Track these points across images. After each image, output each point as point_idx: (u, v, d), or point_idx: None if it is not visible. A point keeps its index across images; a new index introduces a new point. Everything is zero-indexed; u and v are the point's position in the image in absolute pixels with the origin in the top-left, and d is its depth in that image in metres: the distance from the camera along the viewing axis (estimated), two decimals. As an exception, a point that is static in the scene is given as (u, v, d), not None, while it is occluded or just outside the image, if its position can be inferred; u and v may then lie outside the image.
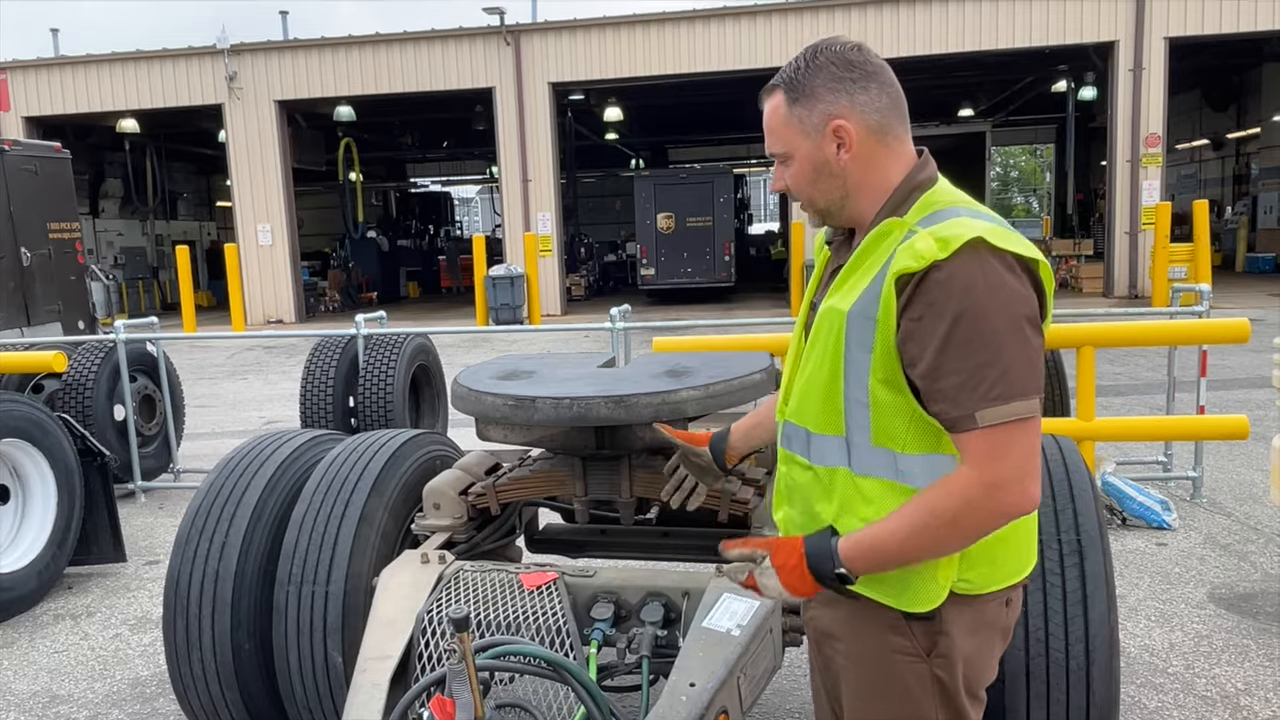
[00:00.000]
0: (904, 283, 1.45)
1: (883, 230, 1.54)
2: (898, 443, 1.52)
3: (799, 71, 1.56)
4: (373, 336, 6.61)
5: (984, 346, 1.40)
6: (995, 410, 1.40)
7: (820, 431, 1.60)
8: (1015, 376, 1.40)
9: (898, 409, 1.51)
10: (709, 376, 2.53)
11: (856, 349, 1.51)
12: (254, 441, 3.07)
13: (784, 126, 1.58)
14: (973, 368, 1.40)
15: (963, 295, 1.40)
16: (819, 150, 1.56)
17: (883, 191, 1.57)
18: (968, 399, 1.41)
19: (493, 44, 20.68)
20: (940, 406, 1.45)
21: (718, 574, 2.30)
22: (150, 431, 7.20)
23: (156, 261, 28.77)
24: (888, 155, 1.57)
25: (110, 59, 21.95)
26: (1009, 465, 1.41)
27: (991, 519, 1.45)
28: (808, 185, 1.60)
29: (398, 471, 2.86)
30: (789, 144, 1.59)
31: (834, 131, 1.54)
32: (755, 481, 2.81)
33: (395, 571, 2.50)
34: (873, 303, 1.49)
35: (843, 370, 1.54)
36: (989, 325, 1.40)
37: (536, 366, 2.87)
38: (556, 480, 2.75)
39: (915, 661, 1.58)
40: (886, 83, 1.57)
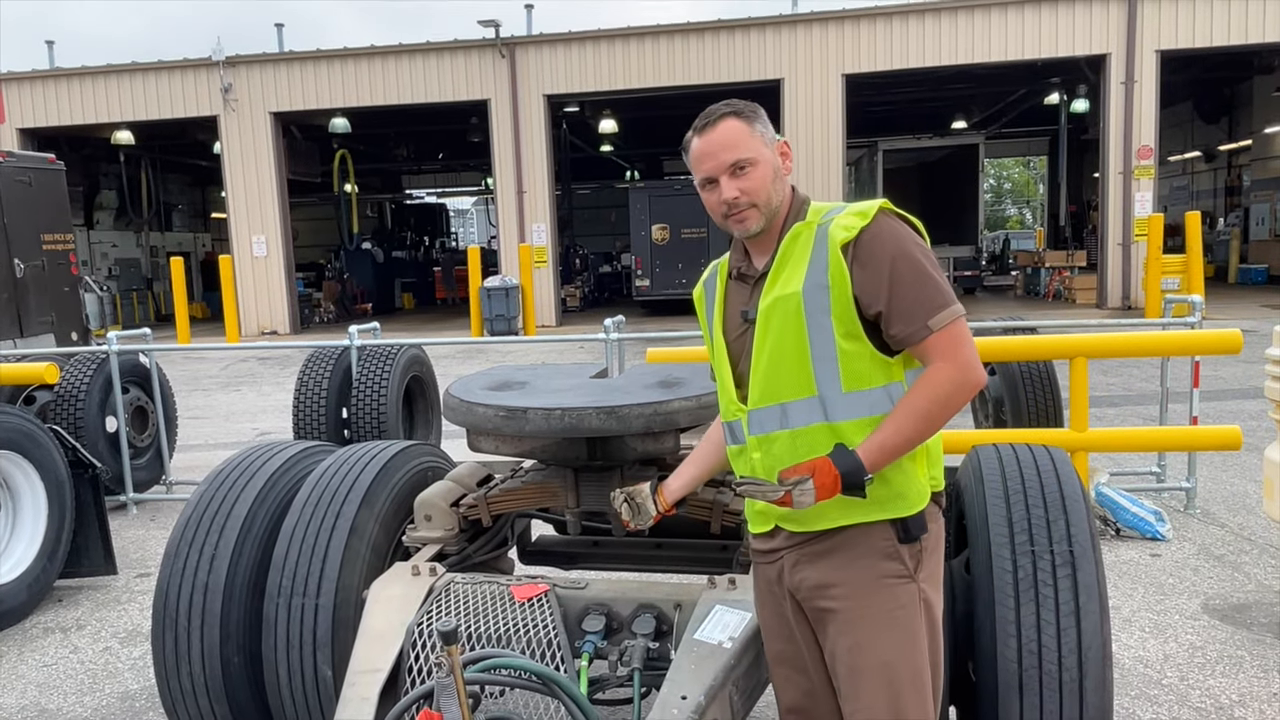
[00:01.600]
0: (846, 248, 1.87)
1: (794, 233, 1.96)
2: (865, 381, 1.89)
3: (744, 107, 1.98)
4: (366, 348, 6.60)
5: (918, 275, 1.85)
6: (943, 315, 1.84)
7: (794, 398, 1.92)
8: (944, 290, 1.86)
9: (860, 354, 1.88)
10: (701, 387, 2.52)
11: (818, 315, 1.88)
12: (244, 453, 3.05)
13: (748, 139, 1.95)
14: (916, 291, 1.84)
15: (892, 243, 1.86)
16: (773, 158, 1.97)
17: (788, 200, 2.01)
18: (921, 313, 1.83)
19: (488, 56, 20.74)
20: (898, 327, 1.85)
21: (710, 585, 2.30)
22: (142, 443, 7.17)
23: (151, 273, 28.75)
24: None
25: (105, 71, 21.95)
26: (967, 349, 1.86)
27: (968, 391, 1.86)
28: (765, 185, 1.96)
29: (389, 483, 2.84)
30: (755, 151, 1.95)
31: (781, 146, 2.00)
32: (748, 493, 2.80)
33: (386, 584, 2.49)
34: (821, 273, 1.88)
35: (807, 338, 1.89)
36: (916, 259, 1.86)
37: (529, 377, 2.87)
38: (548, 492, 2.74)
39: (906, 582, 1.89)
40: None
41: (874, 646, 1.87)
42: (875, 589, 1.88)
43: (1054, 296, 21.26)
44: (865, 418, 1.88)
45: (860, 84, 20.64)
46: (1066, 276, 21.38)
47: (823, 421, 1.90)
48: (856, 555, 1.89)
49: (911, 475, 1.90)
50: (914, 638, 1.88)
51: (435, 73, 20.95)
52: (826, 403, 1.90)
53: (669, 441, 2.45)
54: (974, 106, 27.17)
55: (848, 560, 1.90)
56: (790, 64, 20.11)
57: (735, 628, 2.16)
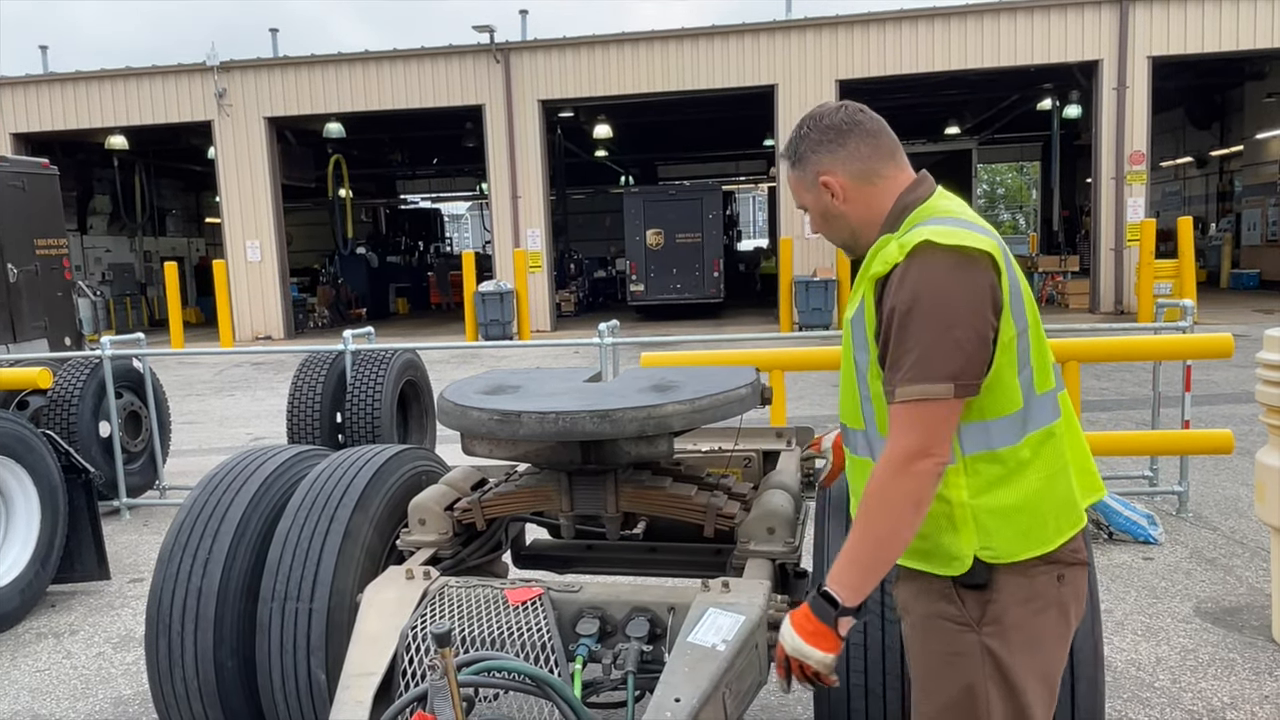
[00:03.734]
0: (878, 286, 1.72)
1: (878, 246, 1.77)
2: None
3: (792, 142, 1.87)
4: (360, 352, 6.60)
5: (910, 334, 1.63)
6: (906, 389, 1.62)
7: (853, 427, 1.87)
8: (930, 360, 1.61)
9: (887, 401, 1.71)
10: (694, 391, 2.53)
11: (857, 350, 1.79)
12: (238, 457, 3.05)
13: (794, 185, 1.90)
14: (901, 352, 1.64)
15: (907, 291, 1.64)
16: (820, 200, 1.86)
17: (879, 220, 1.82)
18: (891, 377, 1.66)
19: (482, 62, 20.76)
20: (884, 380, 1.69)
21: (704, 588, 2.31)
22: (136, 448, 7.16)
23: (145, 278, 28.70)
24: (877, 192, 1.82)
25: (99, 76, 21.93)
26: (913, 436, 1.62)
27: (910, 483, 1.62)
28: (823, 225, 1.90)
29: (383, 487, 2.85)
30: (801, 199, 1.90)
31: (824, 185, 1.83)
32: (741, 496, 2.81)
33: (379, 587, 2.49)
34: (860, 308, 1.77)
35: (854, 371, 1.82)
36: (921, 313, 1.62)
37: (523, 381, 2.87)
38: (542, 495, 2.75)
39: (965, 630, 1.72)
40: (867, 133, 1.82)
41: (920, 685, 1.79)
42: (930, 628, 1.76)
43: (1047, 301, 21.32)
44: None
45: (854, 90, 20.68)
46: (1059, 281, 21.46)
47: (869, 457, 1.80)
48: (921, 590, 1.78)
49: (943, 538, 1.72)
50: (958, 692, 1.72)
51: (430, 78, 20.97)
52: (871, 441, 1.80)
53: (663, 445, 2.46)
54: (967, 112, 27.27)
55: (914, 592, 1.81)
56: (784, 70, 20.16)
57: (728, 631, 2.17)
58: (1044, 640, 1.73)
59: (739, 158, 34.11)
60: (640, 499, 2.68)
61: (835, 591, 1.68)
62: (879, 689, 2.23)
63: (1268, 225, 24.03)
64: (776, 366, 5.22)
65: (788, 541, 2.54)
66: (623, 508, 2.68)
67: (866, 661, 2.25)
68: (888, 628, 2.26)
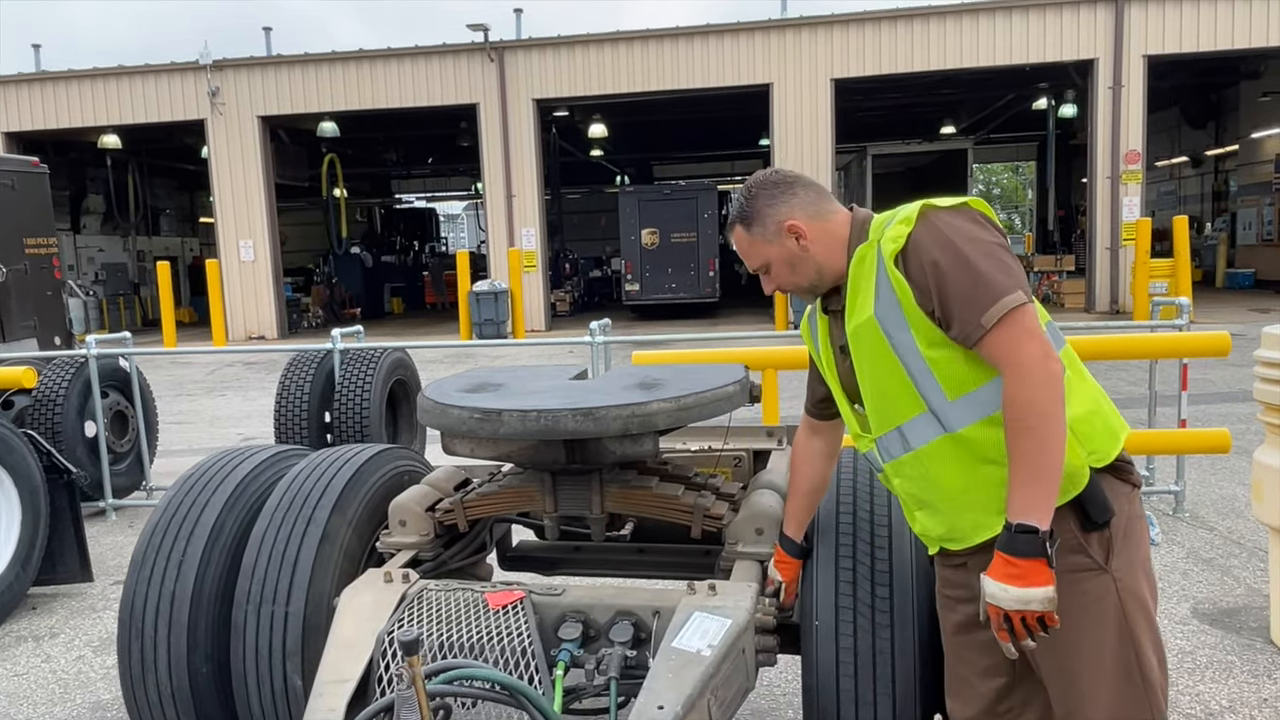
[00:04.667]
0: (898, 260, 1.82)
1: (858, 256, 1.91)
2: (969, 382, 1.80)
3: (743, 205, 2.00)
4: (349, 351, 6.53)
5: (962, 270, 1.74)
6: (992, 311, 1.70)
7: (909, 417, 1.88)
8: (995, 279, 1.72)
9: (951, 359, 1.80)
10: (680, 389, 2.46)
11: (897, 333, 1.83)
12: (215, 457, 2.98)
13: (751, 246, 2.00)
14: (963, 287, 1.73)
15: (931, 246, 1.77)
16: (784, 249, 1.97)
17: (841, 246, 1.96)
18: (971, 312, 1.72)
19: (476, 60, 20.67)
20: (955, 331, 1.76)
21: (689, 591, 2.24)
22: (122, 449, 7.08)
23: (138, 277, 28.57)
24: (832, 225, 1.97)
25: (91, 74, 21.82)
26: (1029, 345, 1.69)
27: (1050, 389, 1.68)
28: (791, 275, 2.00)
29: (362, 487, 2.77)
30: (761, 256, 2.00)
31: (789, 231, 1.96)
32: (730, 496, 2.75)
33: (357, 591, 2.42)
34: (887, 291, 1.83)
35: (896, 357, 1.84)
36: (958, 254, 1.74)
37: (506, 379, 2.80)
38: (526, 496, 2.68)
39: (1098, 573, 1.78)
40: (805, 182, 2.00)
41: (1069, 648, 1.80)
42: (1066, 586, 1.75)
43: (1043, 300, 21.29)
44: (984, 418, 1.80)
45: (849, 89, 20.65)
46: (1055, 281, 21.42)
47: (941, 434, 1.85)
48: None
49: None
50: (1113, 633, 1.78)
51: (424, 77, 20.88)
52: (940, 415, 1.85)
53: (648, 444, 2.39)
54: (962, 112, 27.21)
55: None
56: (779, 68, 20.10)
57: (714, 635, 2.10)
58: (1147, 558, 1.87)
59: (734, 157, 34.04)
60: (626, 499, 2.61)
61: (1030, 520, 1.67)
62: (869, 696, 2.17)
63: (1263, 224, 24.01)
64: (769, 365, 5.15)
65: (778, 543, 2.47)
66: (608, 508, 2.62)
67: (856, 667, 2.18)
68: (879, 632, 2.20)
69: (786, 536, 2.37)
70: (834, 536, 2.33)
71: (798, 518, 2.36)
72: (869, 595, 2.22)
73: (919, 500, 1.96)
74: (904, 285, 1.80)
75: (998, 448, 1.77)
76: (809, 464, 2.32)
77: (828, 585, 2.26)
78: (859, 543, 2.29)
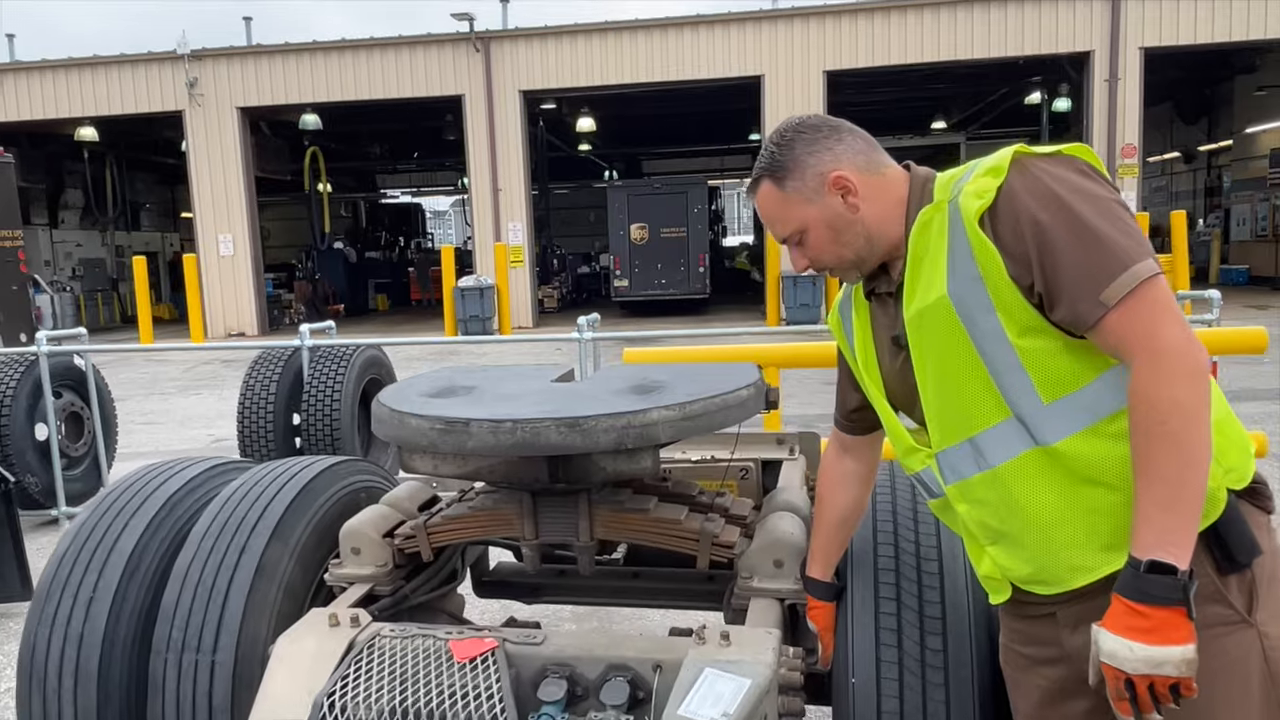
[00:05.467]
0: (985, 221, 1.43)
1: (922, 222, 1.52)
2: (1070, 381, 1.43)
3: (775, 155, 1.60)
4: (319, 348, 6.09)
5: (1075, 233, 1.36)
6: (1119, 282, 1.33)
7: (984, 427, 1.50)
8: (1119, 245, 1.35)
9: (1051, 349, 1.42)
10: (686, 393, 2.06)
11: (979, 316, 1.45)
12: (138, 473, 2.56)
13: (784, 206, 1.60)
14: (1076, 257, 1.36)
15: (1031, 200, 1.39)
16: (827, 208, 1.57)
17: (899, 210, 1.57)
18: (1088, 286, 1.35)
19: (462, 51, 20.21)
20: (1063, 310, 1.38)
21: (698, 641, 1.84)
22: (77, 452, 6.63)
23: (117, 273, 27.99)
24: (886, 182, 1.59)
25: (66, 64, 21.25)
26: (1167, 326, 1.32)
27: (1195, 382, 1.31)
28: (831, 245, 1.60)
29: (309, 509, 2.36)
30: (797, 219, 1.60)
31: (834, 185, 1.56)
32: (741, 519, 2.34)
33: (295, 637, 2.01)
34: (967, 262, 1.45)
35: (975, 348, 1.47)
36: (1069, 212, 1.37)
37: (478, 381, 2.39)
38: (501, 519, 2.27)
39: (1239, 628, 1.40)
40: (850, 129, 1.62)
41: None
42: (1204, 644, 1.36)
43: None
44: (1087, 427, 1.42)
45: (841, 82, 20.29)
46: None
47: (1031, 447, 1.46)
48: None
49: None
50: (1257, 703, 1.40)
51: (408, 67, 20.39)
52: (1029, 423, 1.45)
53: (646, 460, 1.98)
54: (954, 106, 26.89)
55: None
56: (770, 60, 19.73)
57: (730, 700, 1.70)
58: None
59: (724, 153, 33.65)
60: (619, 524, 2.20)
61: (1167, 557, 1.28)
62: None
63: (1257, 221, 23.78)
64: (771, 363, 4.75)
65: (800, 578, 2.07)
66: (597, 535, 2.21)
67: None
68: (930, 691, 1.79)
69: (812, 579, 1.97)
70: (872, 573, 1.92)
71: (826, 554, 1.96)
72: (917, 646, 1.82)
73: (994, 533, 1.56)
74: (992, 253, 1.42)
75: (1104, 465, 1.42)
76: (840, 489, 1.92)
77: (866, 633, 1.86)
78: (903, 580, 1.89)
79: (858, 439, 1.90)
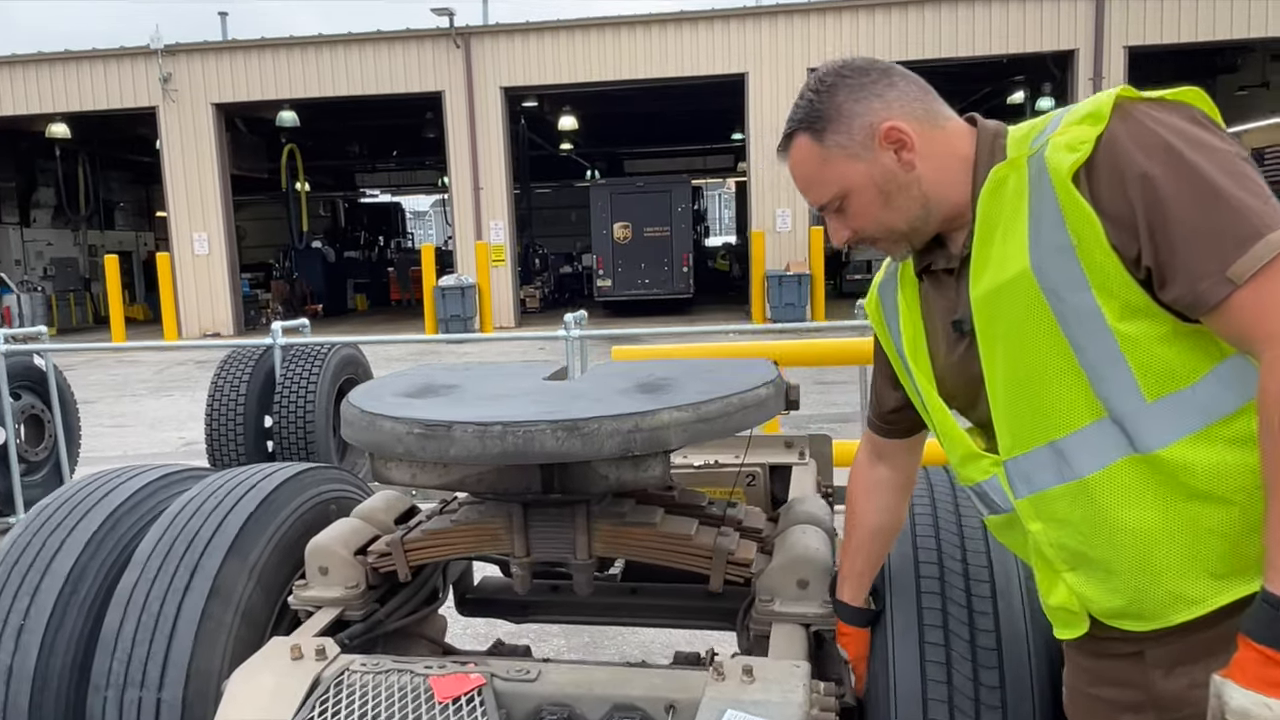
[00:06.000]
0: (1079, 177, 1.18)
1: (994, 182, 1.27)
2: (1179, 375, 1.19)
3: (813, 104, 1.35)
4: (292, 347, 5.81)
5: (1194, 193, 1.12)
6: (1251, 254, 1.09)
7: (1072, 430, 1.25)
8: (1249, 209, 1.11)
9: (1157, 337, 1.18)
10: (698, 392, 1.81)
11: (1069, 293, 1.20)
12: (81, 483, 2.30)
13: (824, 165, 1.35)
14: (1195, 221, 1.12)
15: (1142, 149, 1.16)
16: (876, 166, 1.33)
17: (963, 169, 1.33)
18: (1210, 257, 1.11)
19: (442, 46, 19.90)
20: (1177, 288, 1.14)
21: (716, 676, 1.59)
22: (38, 457, 6.30)
23: (89, 273, 27.47)
24: (947, 136, 1.35)
25: (37, 59, 20.77)
26: None
27: None
28: (880, 211, 1.36)
29: (271, 523, 2.10)
30: (839, 179, 1.35)
31: (885, 137, 1.32)
32: (756, 533, 2.10)
33: (251, 673, 1.75)
34: (1055, 228, 1.20)
35: (1062, 334, 1.22)
36: (1188, 167, 1.13)
37: (460, 379, 2.14)
38: (488, 535, 2.02)
39: None
40: (902, 73, 1.38)
41: None
42: None
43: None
44: (1198, 430, 1.17)
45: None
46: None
47: (1127, 454, 1.21)
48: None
49: None
50: None
51: (387, 63, 20.06)
52: (1127, 424, 1.20)
53: (655, 468, 1.73)
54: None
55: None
56: (755, 57, 19.56)
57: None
58: None
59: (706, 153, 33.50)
60: (621, 539, 1.96)
61: None
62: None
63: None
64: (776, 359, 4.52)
65: (828, 601, 1.83)
66: (597, 551, 1.96)
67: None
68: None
69: (843, 602, 1.74)
70: (913, 596, 1.68)
71: (858, 574, 1.72)
72: (970, 681, 1.58)
73: (1075, 556, 1.31)
74: (1088, 217, 1.17)
75: (1218, 476, 1.18)
76: (874, 500, 1.68)
77: (910, 665, 1.62)
78: (950, 605, 1.65)
79: (895, 443, 1.66)
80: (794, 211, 19.70)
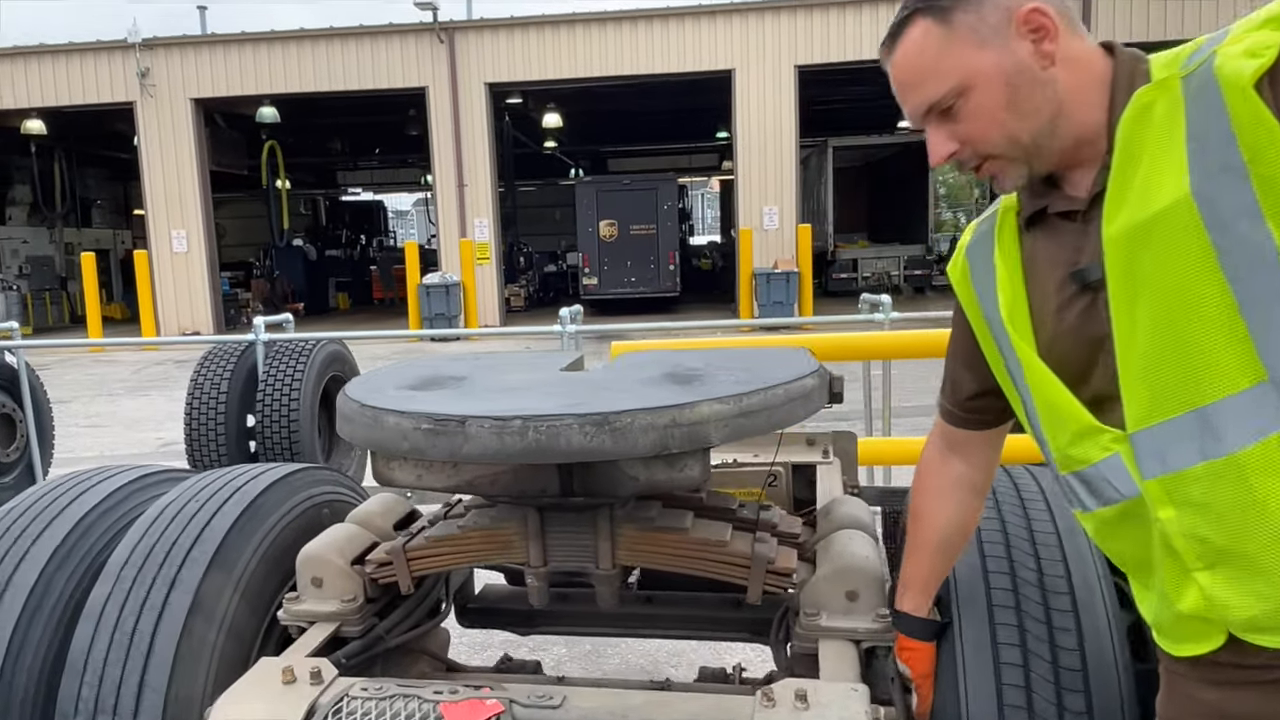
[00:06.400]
0: (1262, 84, 1.01)
1: (1140, 107, 1.10)
2: None
3: None
4: (274, 344, 5.58)
5: None
6: None
7: (1224, 395, 1.06)
8: None
9: None
10: (738, 384, 1.63)
11: (1240, 224, 1.02)
12: (51, 484, 2.09)
13: (943, 52, 1.17)
14: None
15: None
16: (1009, 56, 1.15)
17: (1099, 88, 1.16)
18: None
19: (425, 42, 19.63)
20: None
21: (765, 703, 1.41)
22: (9, 458, 6.06)
23: (66, 272, 27.01)
24: (1086, 46, 1.18)
25: (12, 54, 20.36)
26: None
27: None
28: (1005, 112, 1.16)
29: (258, 530, 1.90)
30: (961, 70, 1.16)
31: (1025, 21, 1.14)
32: (793, 538, 1.92)
33: (237, 699, 1.56)
34: (1225, 148, 1.02)
35: (1223, 276, 1.03)
36: None
37: (468, 370, 1.95)
38: (500, 542, 1.83)
39: None
40: None
41: None
42: None
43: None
44: None
45: (811, 80, 20.02)
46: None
47: None
48: None
49: None
50: None
51: (369, 58, 19.77)
52: None
53: (694, 468, 1.54)
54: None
55: None
56: (742, 54, 19.42)
57: (822, 787, 1.28)
58: None
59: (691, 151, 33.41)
60: (648, 547, 1.77)
61: None
62: None
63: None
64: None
65: (881, 614, 1.65)
66: (621, 560, 1.78)
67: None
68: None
69: (906, 614, 1.56)
70: (985, 609, 1.51)
71: (923, 582, 1.54)
72: (1053, 706, 1.41)
73: (1215, 551, 1.10)
74: (1272, 127, 0.99)
75: None
76: (945, 501, 1.50)
77: (984, 683, 1.45)
78: (1027, 620, 1.48)
79: (973, 435, 1.47)
80: (781, 209, 19.60)
